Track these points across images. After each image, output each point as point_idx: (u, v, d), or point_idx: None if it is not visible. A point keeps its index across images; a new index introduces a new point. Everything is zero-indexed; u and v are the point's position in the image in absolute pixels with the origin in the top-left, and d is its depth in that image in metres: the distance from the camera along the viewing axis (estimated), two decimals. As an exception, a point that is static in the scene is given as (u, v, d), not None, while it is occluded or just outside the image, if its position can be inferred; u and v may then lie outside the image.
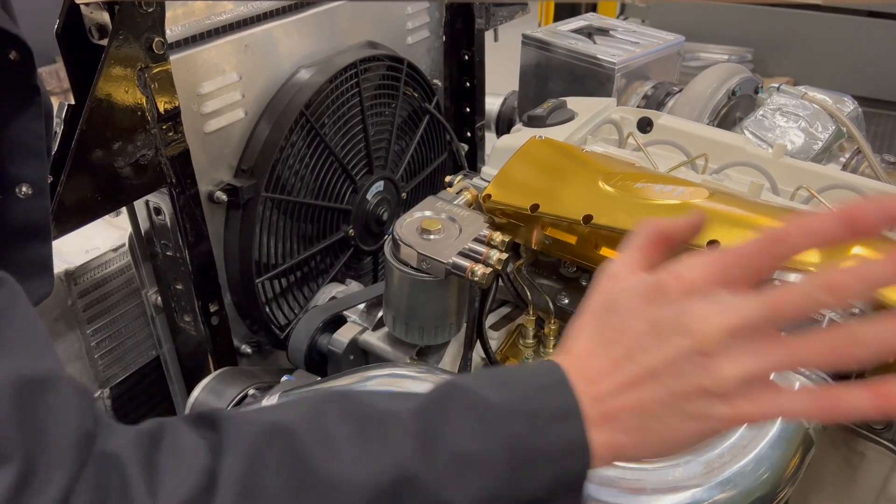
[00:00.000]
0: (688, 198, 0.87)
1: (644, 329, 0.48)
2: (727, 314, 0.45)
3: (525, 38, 1.53)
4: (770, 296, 0.45)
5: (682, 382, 0.46)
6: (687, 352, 0.46)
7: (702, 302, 0.46)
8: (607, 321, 0.50)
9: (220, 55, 1.06)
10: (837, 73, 3.57)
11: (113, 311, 1.21)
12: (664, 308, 0.47)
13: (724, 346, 0.45)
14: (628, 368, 0.48)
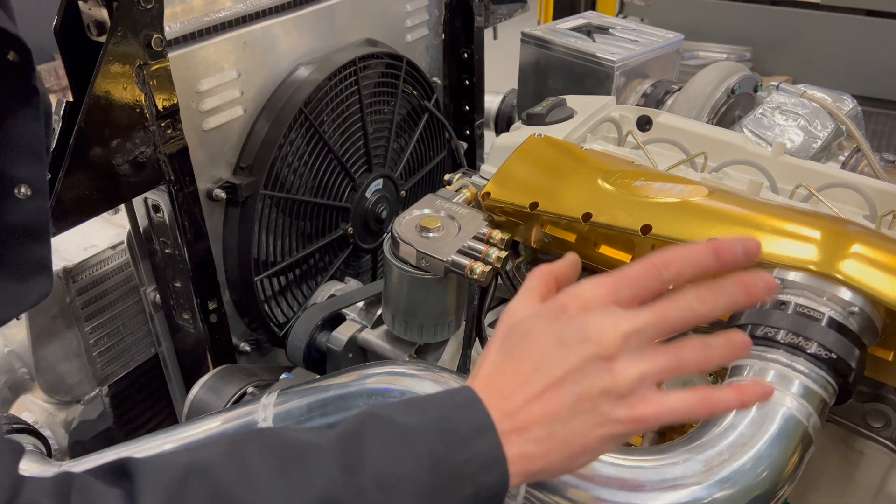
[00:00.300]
0: (687, 196, 0.87)
1: (550, 343, 0.52)
2: (623, 323, 0.51)
3: (524, 36, 1.53)
4: (657, 308, 0.52)
5: (587, 385, 0.51)
6: (590, 357, 0.51)
7: (599, 315, 0.52)
8: (514, 343, 0.55)
9: (219, 52, 1.06)
10: (836, 71, 3.57)
11: (111, 309, 1.21)
12: (567, 323, 0.53)
13: (621, 350, 0.51)
14: (537, 380, 0.52)
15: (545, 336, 0.53)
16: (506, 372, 0.54)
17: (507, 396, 0.52)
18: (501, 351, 0.55)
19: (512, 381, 0.53)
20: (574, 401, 0.51)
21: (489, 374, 0.54)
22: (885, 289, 0.73)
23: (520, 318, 0.56)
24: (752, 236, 0.53)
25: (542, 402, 0.52)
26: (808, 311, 0.72)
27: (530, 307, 0.56)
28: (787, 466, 0.65)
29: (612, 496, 0.64)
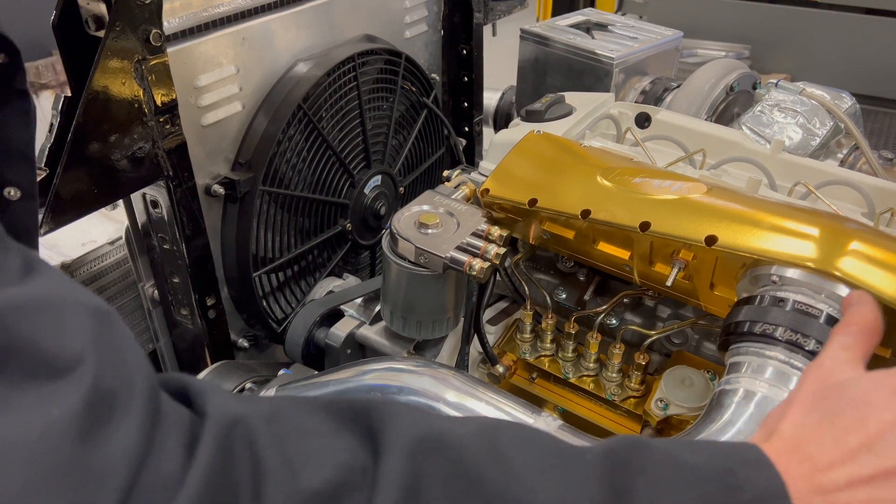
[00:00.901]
0: (686, 193, 0.87)
1: (893, 421, 0.44)
2: None
3: (523, 33, 1.53)
4: None
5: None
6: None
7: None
8: (836, 407, 0.47)
9: (218, 48, 1.06)
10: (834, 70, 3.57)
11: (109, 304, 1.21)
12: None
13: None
14: (868, 461, 0.43)
15: (889, 411, 0.45)
16: (824, 439, 0.45)
17: (822, 468, 0.44)
18: (816, 413, 0.47)
19: (832, 451, 0.44)
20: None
21: (796, 437, 0.46)
22: (882, 286, 0.73)
23: (846, 380, 0.48)
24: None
25: (870, 488, 0.43)
26: (806, 307, 0.73)
27: (854, 370, 0.50)
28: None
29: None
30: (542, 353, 1.02)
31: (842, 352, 0.52)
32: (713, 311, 0.87)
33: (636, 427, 0.95)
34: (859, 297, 0.57)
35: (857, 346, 0.53)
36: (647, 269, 0.89)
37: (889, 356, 0.78)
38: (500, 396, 0.75)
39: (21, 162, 0.62)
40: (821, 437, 0.45)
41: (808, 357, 0.70)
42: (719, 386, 0.72)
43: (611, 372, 0.97)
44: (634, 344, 1.00)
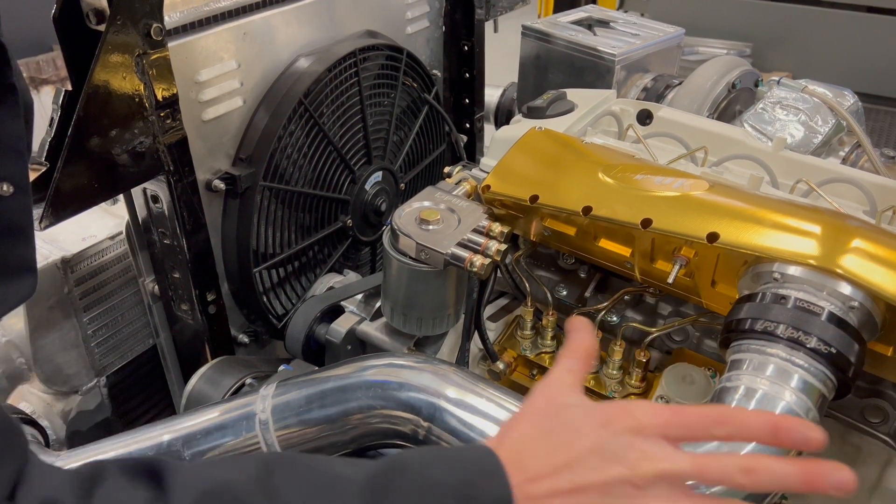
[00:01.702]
0: (687, 190, 0.87)
1: (591, 448, 0.53)
2: (662, 461, 0.52)
3: (525, 30, 1.53)
4: (699, 460, 0.52)
5: (610, 499, 0.52)
6: (621, 480, 0.52)
7: (645, 443, 0.53)
8: (554, 427, 0.55)
9: (219, 43, 1.05)
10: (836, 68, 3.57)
11: (110, 300, 1.21)
12: (613, 436, 0.53)
13: (652, 485, 0.51)
14: (567, 477, 0.52)
15: (589, 439, 0.53)
16: (538, 454, 0.54)
17: (532, 479, 0.53)
18: (538, 428, 0.56)
19: (542, 465, 0.53)
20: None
21: (519, 448, 0.55)
22: (884, 284, 0.73)
23: (564, 404, 0.57)
24: (814, 426, 0.54)
25: (563, 499, 0.52)
26: (807, 305, 0.72)
27: (575, 396, 0.58)
28: (786, 460, 0.65)
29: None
30: (543, 350, 1.02)
31: (566, 375, 0.60)
32: (714, 308, 0.87)
33: (636, 424, 0.95)
34: (581, 324, 0.64)
35: (578, 371, 0.60)
36: (649, 266, 0.89)
37: (890, 354, 0.78)
38: (501, 393, 0.75)
39: (12, 156, 0.61)
40: (536, 451, 0.54)
41: (809, 354, 0.70)
42: (720, 383, 0.72)
43: (611, 369, 0.97)
44: (635, 341, 1.00)
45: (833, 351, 0.70)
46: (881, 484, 0.90)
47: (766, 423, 0.53)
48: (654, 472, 0.51)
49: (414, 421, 0.74)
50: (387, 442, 0.78)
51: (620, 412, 0.54)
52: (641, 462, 0.52)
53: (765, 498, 0.63)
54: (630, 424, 0.53)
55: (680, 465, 0.52)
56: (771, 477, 0.51)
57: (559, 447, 0.54)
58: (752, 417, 0.55)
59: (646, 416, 0.54)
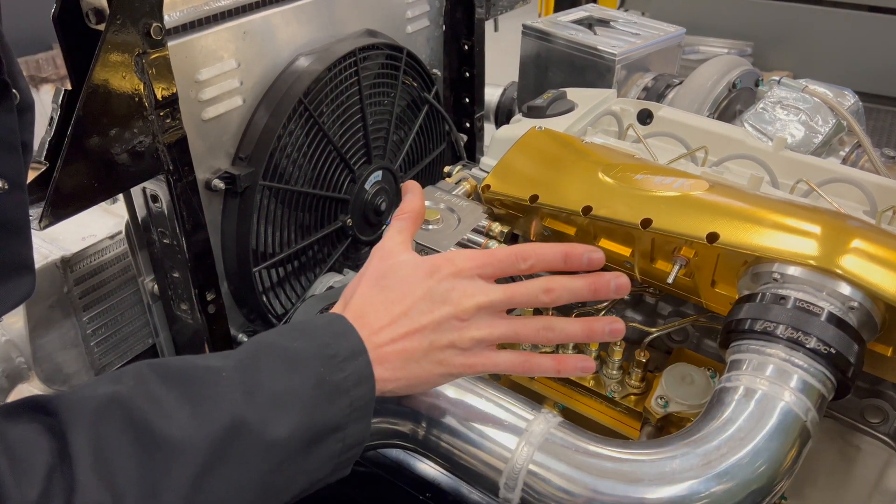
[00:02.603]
0: (687, 190, 0.87)
1: (421, 296, 0.64)
2: (479, 295, 0.64)
3: (525, 29, 1.53)
4: (509, 289, 0.64)
5: (440, 337, 0.63)
6: (449, 316, 0.63)
7: (465, 284, 0.64)
8: (389, 284, 0.65)
9: (219, 42, 1.05)
10: (837, 67, 3.57)
11: (109, 299, 1.21)
12: (438, 283, 0.64)
13: (473, 316, 0.63)
14: (403, 323, 0.64)
15: (418, 288, 0.64)
16: (378, 309, 0.64)
17: (376, 331, 0.63)
18: (375, 287, 0.66)
19: (382, 318, 0.64)
20: (427, 347, 0.63)
21: (362, 307, 0.65)
22: (884, 284, 0.73)
23: (396, 263, 0.67)
24: (597, 249, 0.65)
25: (403, 342, 0.63)
26: (807, 305, 0.72)
27: (405, 253, 0.68)
28: (785, 461, 0.65)
29: (610, 489, 0.64)
30: (543, 350, 1.02)
31: (398, 235, 0.70)
32: (714, 308, 0.87)
33: (636, 424, 0.95)
34: (411, 187, 0.75)
35: (407, 230, 0.71)
36: (649, 266, 0.89)
37: (890, 354, 0.78)
38: (500, 393, 0.75)
39: (5, 152, 0.60)
40: (376, 307, 0.65)
41: (808, 355, 0.70)
42: (720, 383, 0.72)
43: (611, 369, 0.97)
44: (635, 341, 1.00)
45: (832, 351, 0.70)
46: (881, 484, 0.90)
47: (559, 252, 0.64)
48: (475, 304, 0.63)
49: (413, 421, 0.74)
50: (387, 442, 0.78)
51: (443, 261, 0.65)
52: (463, 299, 0.63)
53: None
54: (451, 270, 0.64)
55: (494, 295, 0.63)
56: (567, 291, 0.63)
57: (394, 300, 0.64)
58: (548, 249, 0.65)
59: (463, 261, 0.65)
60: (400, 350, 0.63)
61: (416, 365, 0.64)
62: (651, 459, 0.65)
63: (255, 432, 0.56)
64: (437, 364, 0.64)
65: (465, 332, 0.63)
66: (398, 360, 0.63)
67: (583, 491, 0.64)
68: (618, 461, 0.66)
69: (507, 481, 0.68)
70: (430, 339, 0.63)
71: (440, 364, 0.64)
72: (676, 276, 0.83)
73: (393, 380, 0.64)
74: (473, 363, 0.64)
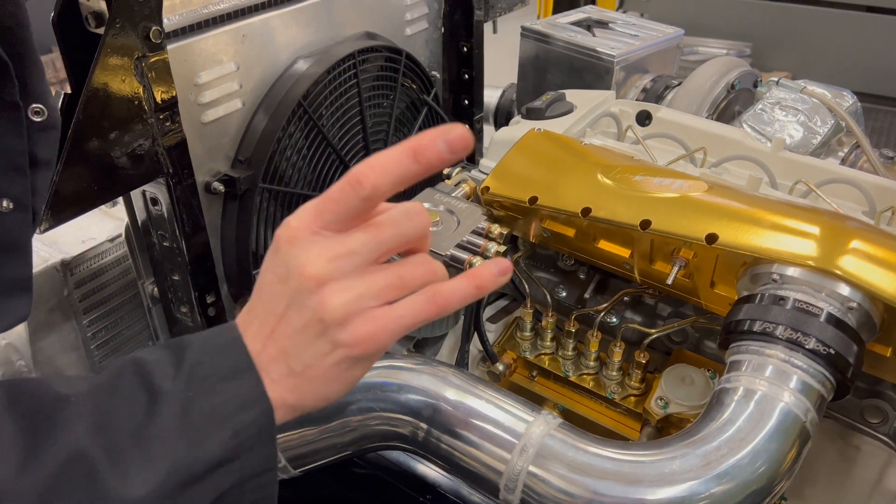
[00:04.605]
0: (686, 191, 0.87)
1: (271, 280, 0.51)
2: (325, 250, 0.49)
3: (524, 31, 1.53)
4: (367, 227, 0.50)
5: (303, 317, 0.49)
6: (297, 290, 0.49)
7: (303, 246, 0.49)
8: (258, 283, 0.53)
9: (218, 45, 1.05)
10: (836, 68, 3.57)
11: (109, 302, 1.21)
12: (280, 259, 0.51)
13: (329, 277, 0.49)
14: (266, 320, 0.51)
15: (267, 273, 0.52)
16: (252, 312, 0.53)
17: (251, 338, 0.52)
18: (255, 288, 0.54)
19: (253, 322, 0.52)
20: (297, 334, 0.50)
21: (243, 316, 0.54)
22: (883, 284, 0.73)
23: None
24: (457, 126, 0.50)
25: (273, 340, 0.51)
26: (806, 306, 0.72)
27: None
28: (785, 461, 0.65)
29: (609, 490, 0.64)
30: (543, 352, 1.02)
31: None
32: (713, 309, 0.87)
33: (636, 425, 0.95)
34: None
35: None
36: (648, 268, 0.89)
37: (889, 354, 0.78)
38: (500, 395, 0.75)
39: (13, 173, 0.61)
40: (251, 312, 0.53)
41: (808, 355, 0.70)
42: (719, 384, 0.72)
43: (611, 370, 0.97)
44: (635, 342, 1.00)
45: (832, 352, 0.70)
46: (881, 484, 0.90)
47: (404, 153, 0.50)
48: (321, 265, 0.49)
49: (413, 423, 0.74)
50: (387, 444, 0.78)
51: (280, 233, 0.51)
52: (304, 265, 0.49)
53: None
54: (287, 238, 0.50)
55: (348, 243, 0.49)
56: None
57: (257, 299, 0.53)
58: (388, 155, 0.50)
59: (296, 219, 0.50)
60: (274, 353, 0.51)
61: (299, 362, 0.50)
62: (651, 460, 0.65)
63: (98, 474, 0.46)
64: (324, 352, 0.50)
65: (326, 302, 0.48)
66: (277, 365, 0.50)
67: (583, 492, 0.64)
68: (618, 462, 0.66)
69: (507, 483, 0.68)
70: (294, 325, 0.50)
71: (327, 350, 0.50)
72: (676, 277, 0.83)
73: (289, 390, 0.51)
74: (368, 331, 0.49)
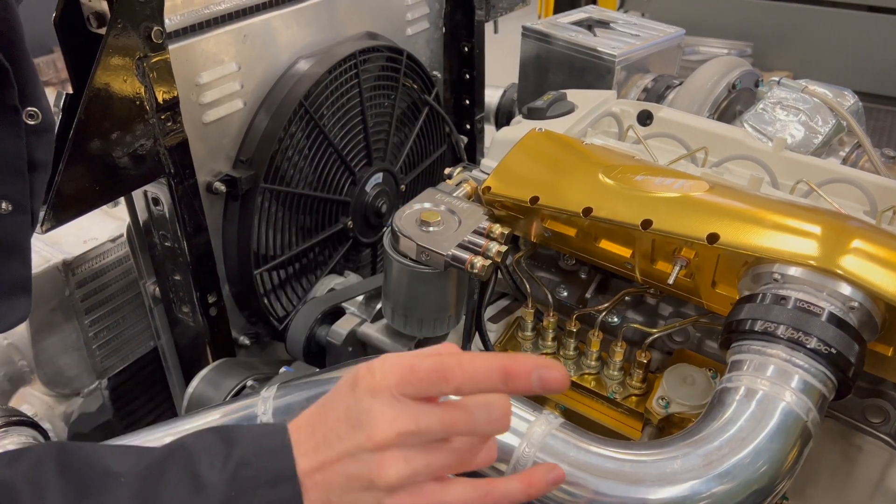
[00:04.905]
0: (687, 191, 0.87)
1: (339, 416, 0.53)
2: (401, 422, 0.50)
3: (525, 30, 1.53)
4: (446, 413, 0.52)
5: (357, 469, 0.51)
6: (361, 445, 0.51)
7: (382, 404, 0.51)
8: (327, 400, 0.55)
9: (219, 45, 1.06)
10: (837, 68, 3.57)
11: (111, 302, 1.21)
12: (355, 401, 0.52)
13: (393, 446, 0.51)
14: (323, 451, 0.52)
15: (338, 409, 0.53)
16: (310, 431, 0.54)
17: (301, 455, 0.53)
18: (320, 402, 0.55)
19: (309, 441, 0.53)
20: (347, 479, 0.52)
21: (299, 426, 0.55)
22: (884, 284, 0.73)
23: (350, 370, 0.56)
24: (555, 364, 0.51)
25: (323, 471, 0.52)
26: (808, 306, 0.72)
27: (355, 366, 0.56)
28: (787, 461, 0.65)
29: (611, 489, 0.64)
30: (544, 351, 1.02)
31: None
32: (715, 309, 0.87)
33: (638, 425, 0.95)
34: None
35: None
36: (649, 267, 0.89)
37: (891, 354, 0.78)
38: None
39: (12, 175, 0.61)
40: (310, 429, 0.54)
41: (809, 355, 0.70)
42: (721, 384, 0.72)
43: (612, 370, 0.97)
44: (636, 342, 1.00)
45: (833, 351, 0.70)
46: (883, 484, 0.90)
47: (495, 369, 0.51)
48: (392, 434, 0.50)
49: (415, 422, 0.74)
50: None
51: (363, 373, 0.53)
52: (377, 426, 0.50)
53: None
54: (369, 385, 0.52)
55: (422, 423, 0.51)
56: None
57: (322, 422, 0.54)
58: (480, 364, 0.51)
59: (382, 372, 0.52)
60: (321, 482, 0.52)
61: (338, 499, 0.52)
62: (652, 460, 0.65)
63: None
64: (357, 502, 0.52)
65: (383, 468, 0.51)
66: (320, 493, 0.52)
67: (584, 491, 0.64)
68: (619, 462, 0.66)
69: (508, 482, 0.68)
70: (347, 471, 0.52)
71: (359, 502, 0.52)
72: (677, 277, 0.83)
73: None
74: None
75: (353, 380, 0.53)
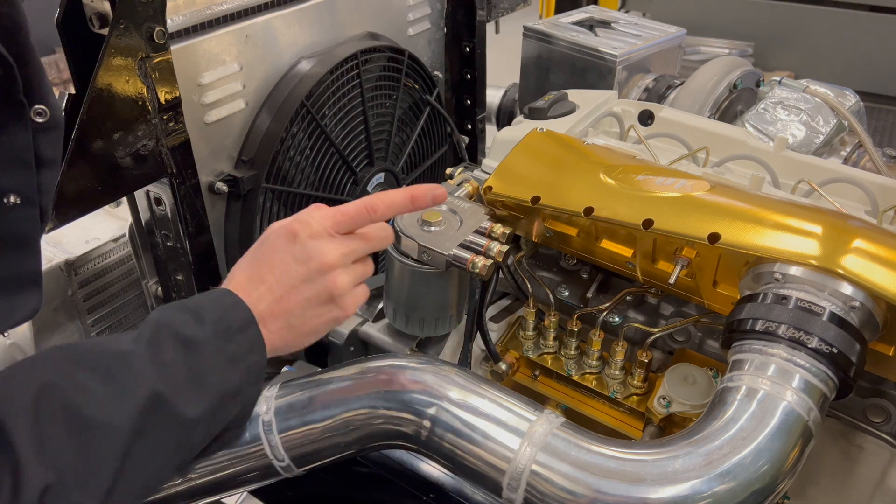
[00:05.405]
0: (689, 190, 0.87)
1: (284, 261, 0.71)
2: (341, 247, 0.72)
3: (526, 30, 1.53)
4: (363, 238, 0.74)
5: (314, 293, 0.71)
6: (315, 271, 0.71)
7: (324, 240, 0.71)
8: (260, 256, 0.72)
9: (221, 45, 1.06)
10: (838, 67, 3.57)
11: (113, 302, 1.21)
12: (300, 246, 0.71)
13: (339, 266, 0.71)
14: (278, 289, 0.70)
15: (282, 255, 0.71)
16: (254, 279, 0.71)
17: (256, 299, 0.69)
18: (251, 261, 0.72)
19: (259, 286, 0.70)
20: (305, 302, 0.71)
21: (242, 281, 0.71)
22: (885, 284, 0.73)
23: (265, 235, 0.73)
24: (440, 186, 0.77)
25: (281, 302, 0.70)
26: (809, 305, 0.73)
27: (275, 224, 0.74)
28: (788, 460, 0.65)
29: (612, 489, 0.64)
30: (545, 351, 1.03)
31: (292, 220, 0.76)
32: (716, 308, 0.87)
33: (639, 424, 0.95)
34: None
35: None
36: (650, 267, 0.89)
37: (892, 353, 0.78)
38: (503, 393, 0.75)
39: (19, 168, 0.62)
40: (254, 280, 0.72)
41: (810, 354, 0.70)
42: (722, 383, 0.73)
43: (613, 369, 0.97)
44: (637, 341, 1.00)
45: (834, 351, 0.70)
46: (884, 483, 0.90)
47: (405, 195, 0.75)
48: (337, 257, 0.71)
49: (416, 422, 0.74)
50: (390, 443, 0.78)
51: (299, 228, 0.71)
52: (325, 255, 0.70)
53: None
54: (309, 233, 0.71)
55: (352, 245, 0.72)
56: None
57: (266, 268, 0.71)
58: (394, 194, 0.75)
59: (318, 222, 0.71)
60: (280, 311, 0.70)
61: (297, 320, 0.71)
62: (654, 459, 0.65)
63: (171, 404, 0.62)
64: (319, 316, 0.72)
65: (335, 282, 0.71)
66: (279, 321, 0.70)
67: (586, 491, 0.65)
68: (620, 461, 0.66)
69: (510, 482, 0.68)
70: (306, 294, 0.70)
71: (321, 315, 0.72)
72: (678, 277, 0.83)
73: (280, 340, 0.71)
74: (352, 304, 0.73)
75: (289, 235, 0.71)
